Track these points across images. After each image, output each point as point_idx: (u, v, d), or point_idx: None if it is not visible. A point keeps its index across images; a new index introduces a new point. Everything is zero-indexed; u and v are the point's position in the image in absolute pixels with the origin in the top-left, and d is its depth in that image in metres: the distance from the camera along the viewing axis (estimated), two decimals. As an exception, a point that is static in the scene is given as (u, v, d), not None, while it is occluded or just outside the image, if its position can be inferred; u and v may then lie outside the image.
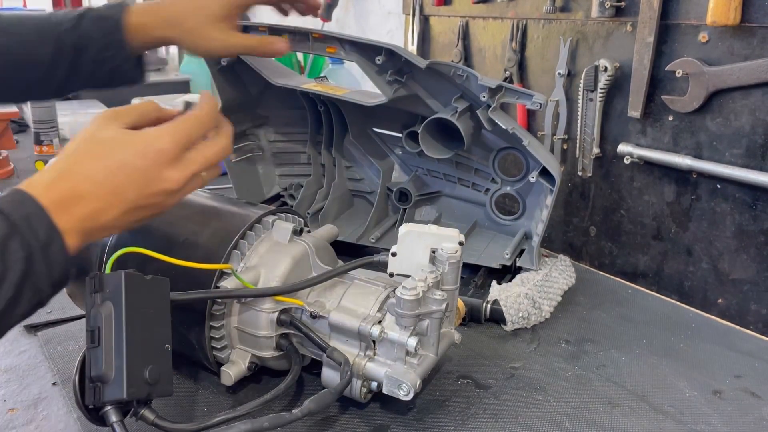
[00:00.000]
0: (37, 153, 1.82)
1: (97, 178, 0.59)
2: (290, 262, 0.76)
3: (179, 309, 0.67)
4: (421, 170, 1.22)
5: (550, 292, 1.01)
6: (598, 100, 1.15)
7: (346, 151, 1.25)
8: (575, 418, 0.77)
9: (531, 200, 1.12)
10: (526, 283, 1.01)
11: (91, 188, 0.59)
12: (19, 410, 0.76)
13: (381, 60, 0.98)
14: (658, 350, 0.93)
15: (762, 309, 1.00)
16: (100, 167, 0.60)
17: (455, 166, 1.18)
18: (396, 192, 1.19)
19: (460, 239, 0.77)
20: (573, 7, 1.18)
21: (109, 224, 0.61)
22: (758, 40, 0.93)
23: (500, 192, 1.15)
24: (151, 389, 0.60)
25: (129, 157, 0.60)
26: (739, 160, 0.99)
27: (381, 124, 1.22)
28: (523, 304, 0.97)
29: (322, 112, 1.21)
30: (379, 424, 0.75)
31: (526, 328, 0.98)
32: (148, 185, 0.61)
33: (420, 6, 1.52)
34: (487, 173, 1.15)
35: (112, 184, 0.60)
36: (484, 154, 1.13)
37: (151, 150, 0.61)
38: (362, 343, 0.73)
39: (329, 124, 1.22)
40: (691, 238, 1.08)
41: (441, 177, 1.20)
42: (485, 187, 1.16)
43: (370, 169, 1.25)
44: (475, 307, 0.98)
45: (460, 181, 1.19)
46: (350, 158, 1.26)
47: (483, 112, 0.99)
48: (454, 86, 1.01)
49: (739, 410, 0.80)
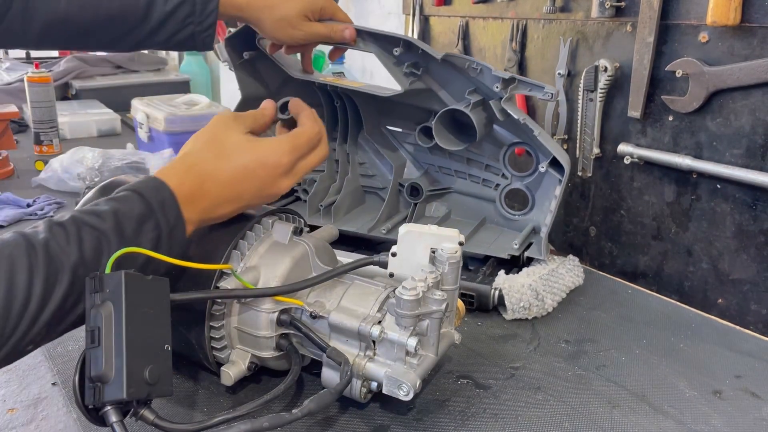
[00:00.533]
0: (37, 153, 1.82)
1: (221, 178, 0.68)
2: (290, 262, 0.76)
3: (179, 309, 0.67)
4: (432, 167, 1.23)
5: (555, 287, 1.02)
6: (598, 100, 1.15)
7: (359, 147, 1.26)
8: (575, 418, 0.77)
9: (540, 195, 1.12)
10: (532, 275, 1.01)
11: (214, 188, 0.68)
12: (19, 410, 0.76)
13: (399, 51, 1.01)
14: (658, 350, 0.93)
15: (762, 309, 1.00)
16: (225, 169, 0.69)
17: (466, 163, 1.18)
18: (408, 187, 1.20)
19: (460, 239, 0.77)
20: (573, 7, 1.18)
21: (222, 217, 0.71)
22: (758, 40, 0.93)
23: (510, 187, 1.14)
24: (151, 389, 0.59)
25: (252, 164, 0.70)
26: (739, 160, 0.99)
27: (394, 121, 1.23)
28: (525, 294, 0.97)
29: (338, 108, 1.22)
30: (379, 424, 0.75)
31: (527, 319, 0.98)
32: (263, 189, 0.71)
33: (420, 6, 1.52)
34: (497, 169, 1.15)
35: (233, 186, 0.69)
36: (494, 149, 1.14)
37: (272, 161, 0.71)
38: (362, 344, 0.73)
39: (344, 119, 1.23)
40: (691, 238, 1.08)
41: (452, 173, 1.21)
42: (495, 182, 1.16)
43: (382, 165, 1.26)
44: (483, 293, 0.99)
45: (471, 177, 1.19)
46: (364, 154, 1.27)
47: (496, 103, 1.01)
48: (467, 80, 1.03)
49: (739, 410, 0.80)
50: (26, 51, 2.97)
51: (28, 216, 1.35)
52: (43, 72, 1.81)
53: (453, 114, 1.04)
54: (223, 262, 0.74)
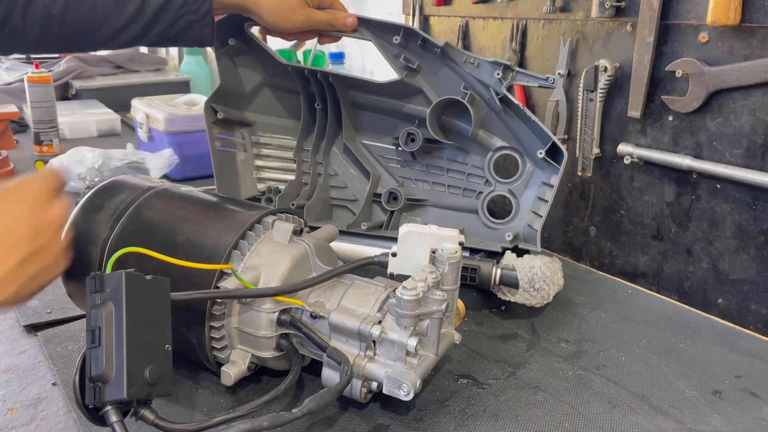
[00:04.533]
0: (37, 153, 1.82)
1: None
2: (290, 262, 0.76)
3: (179, 309, 0.67)
4: (408, 180, 1.20)
5: (554, 278, 0.99)
6: (598, 100, 1.15)
7: (333, 156, 1.24)
8: (575, 418, 0.77)
9: (524, 199, 1.10)
10: (538, 259, 0.98)
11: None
12: (19, 410, 0.76)
13: (398, 39, 1.01)
14: (658, 350, 0.93)
15: (762, 309, 1.00)
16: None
17: (446, 173, 1.17)
18: (386, 193, 1.17)
19: (460, 239, 0.77)
20: (573, 7, 1.18)
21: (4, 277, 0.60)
22: (758, 40, 0.93)
23: (493, 194, 1.13)
24: (151, 389, 0.60)
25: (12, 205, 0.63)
26: (739, 160, 0.99)
27: (373, 132, 1.21)
28: (537, 275, 0.95)
29: (318, 110, 1.20)
30: (379, 424, 0.75)
31: (533, 307, 0.97)
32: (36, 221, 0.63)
33: (420, 6, 1.52)
34: (480, 177, 1.14)
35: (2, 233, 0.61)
36: (480, 155, 1.13)
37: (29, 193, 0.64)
38: (362, 344, 0.73)
39: (323, 124, 1.21)
40: (691, 238, 1.08)
41: (429, 186, 1.18)
42: (477, 191, 1.14)
43: (356, 176, 1.23)
44: (486, 269, 0.97)
45: (450, 188, 1.17)
46: (338, 164, 1.24)
47: (493, 95, 1.02)
48: (462, 78, 1.03)
49: (739, 410, 0.80)
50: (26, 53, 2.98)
51: (28, 216, 1.35)
52: (43, 72, 1.81)
53: (444, 111, 1.03)
54: (224, 262, 0.74)
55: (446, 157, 1.15)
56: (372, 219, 1.19)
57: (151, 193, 0.84)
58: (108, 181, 0.87)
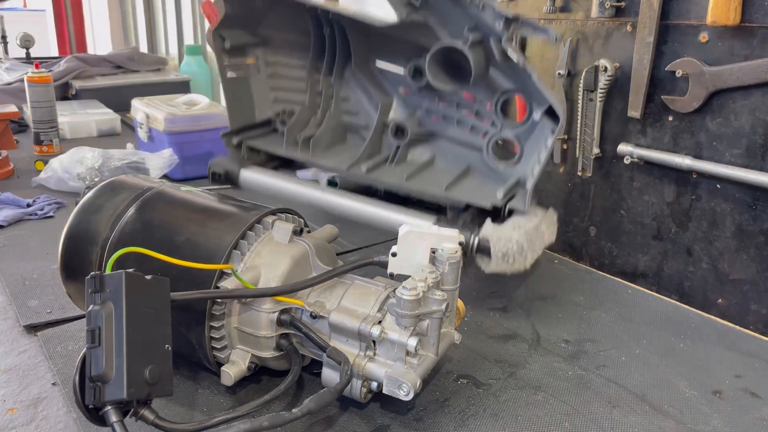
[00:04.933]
0: (37, 153, 1.82)
1: None
2: (290, 262, 0.76)
3: (179, 309, 0.67)
4: (419, 109, 1.16)
5: (536, 244, 0.99)
6: (598, 100, 1.15)
7: (345, 81, 1.20)
8: (575, 418, 0.77)
9: (529, 146, 1.07)
10: (518, 230, 0.98)
11: None
12: (19, 410, 0.76)
13: None
14: (658, 350, 0.93)
15: (762, 309, 1.00)
16: None
17: (456, 107, 1.13)
18: (392, 126, 1.14)
19: (460, 239, 0.77)
20: (573, 7, 1.18)
21: None
22: (758, 40, 0.93)
23: (499, 135, 1.10)
24: (151, 389, 0.60)
25: None
26: (739, 160, 0.99)
27: (385, 56, 1.16)
28: (511, 249, 0.95)
29: (327, 36, 1.16)
30: (379, 424, 0.75)
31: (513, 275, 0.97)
32: None
33: (420, 6, 1.52)
34: (488, 116, 1.10)
35: None
36: (487, 95, 1.09)
37: None
38: (362, 344, 0.73)
39: (332, 49, 1.17)
40: (691, 238, 1.08)
41: (440, 117, 1.15)
42: (484, 130, 1.11)
43: (368, 102, 1.20)
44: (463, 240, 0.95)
45: (459, 123, 1.14)
46: (349, 89, 1.21)
47: (496, 43, 0.96)
48: (467, 16, 0.98)
49: (739, 410, 0.80)
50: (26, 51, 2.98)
51: (28, 216, 1.35)
52: (43, 72, 1.81)
53: (448, 52, 0.98)
54: (224, 262, 0.74)
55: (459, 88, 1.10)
56: (382, 151, 1.17)
57: (151, 193, 0.84)
58: (108, 181, 0.87)
